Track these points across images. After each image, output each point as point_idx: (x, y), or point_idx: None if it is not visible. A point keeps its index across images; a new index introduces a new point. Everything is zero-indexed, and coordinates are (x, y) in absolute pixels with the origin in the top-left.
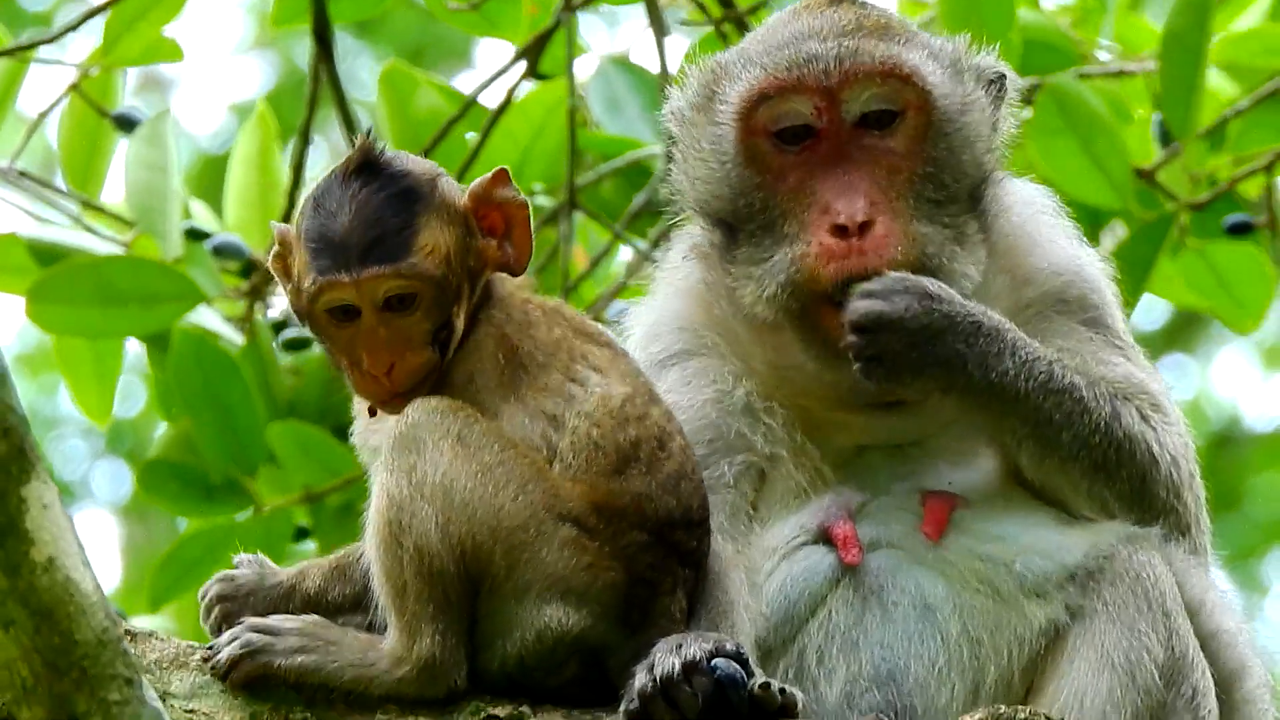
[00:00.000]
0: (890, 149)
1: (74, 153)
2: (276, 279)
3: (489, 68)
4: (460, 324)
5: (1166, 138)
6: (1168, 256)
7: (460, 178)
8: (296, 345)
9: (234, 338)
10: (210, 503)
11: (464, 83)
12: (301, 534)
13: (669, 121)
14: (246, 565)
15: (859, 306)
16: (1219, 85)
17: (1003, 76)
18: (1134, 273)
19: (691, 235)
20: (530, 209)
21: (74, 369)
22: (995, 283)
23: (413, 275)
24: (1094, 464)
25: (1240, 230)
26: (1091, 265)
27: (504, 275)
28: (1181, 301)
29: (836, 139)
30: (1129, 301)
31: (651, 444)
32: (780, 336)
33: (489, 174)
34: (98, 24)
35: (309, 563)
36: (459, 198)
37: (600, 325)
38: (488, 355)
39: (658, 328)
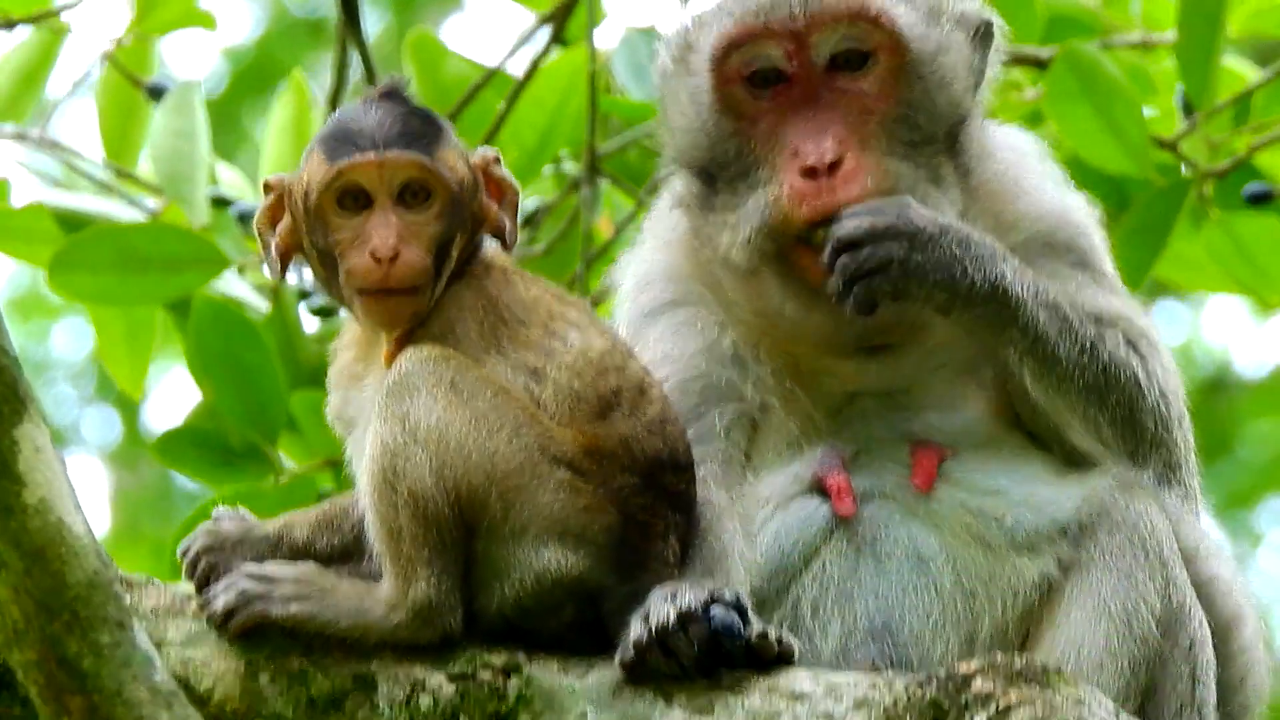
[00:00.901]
0: (862, 90)
1: (110, 122)
2: (260, 237)
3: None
4: (455, 254)
5: (1189, 109)
6: (1188, 226)
7: (487, 144)
8: (323, 313)
9: (260, 305)
10: (231, 469)
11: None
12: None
13: (655, 77)
14: (228, 518)
15: (847, 225)
16: (1240, 66)
17: (989, 24)
18: (1150, 240)
19: (677, 186)
20: (520, 195)
21: (108, 339)
22: (979, 228)
23: (434, 171)
24: (1086, 384)
25: (1260, 199)
26: (1078, 209)
27: (489, 249)
28: (1199, 285)
29: (808, 83)
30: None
31: (633, 391)
32: (761, 284)
33: (486, 149)
34: None
35: (293, 514)
36: (468, 153)
37: (575, 296)
38: (468, 307)
39: (647, 277)
